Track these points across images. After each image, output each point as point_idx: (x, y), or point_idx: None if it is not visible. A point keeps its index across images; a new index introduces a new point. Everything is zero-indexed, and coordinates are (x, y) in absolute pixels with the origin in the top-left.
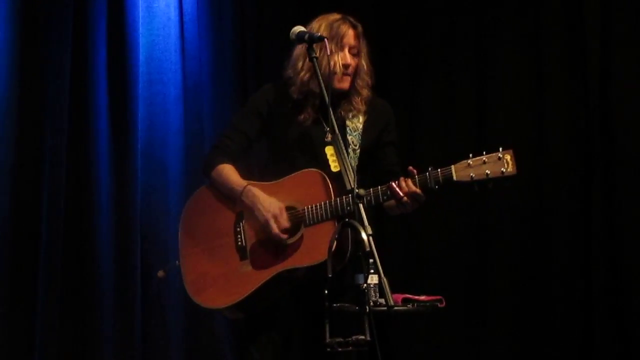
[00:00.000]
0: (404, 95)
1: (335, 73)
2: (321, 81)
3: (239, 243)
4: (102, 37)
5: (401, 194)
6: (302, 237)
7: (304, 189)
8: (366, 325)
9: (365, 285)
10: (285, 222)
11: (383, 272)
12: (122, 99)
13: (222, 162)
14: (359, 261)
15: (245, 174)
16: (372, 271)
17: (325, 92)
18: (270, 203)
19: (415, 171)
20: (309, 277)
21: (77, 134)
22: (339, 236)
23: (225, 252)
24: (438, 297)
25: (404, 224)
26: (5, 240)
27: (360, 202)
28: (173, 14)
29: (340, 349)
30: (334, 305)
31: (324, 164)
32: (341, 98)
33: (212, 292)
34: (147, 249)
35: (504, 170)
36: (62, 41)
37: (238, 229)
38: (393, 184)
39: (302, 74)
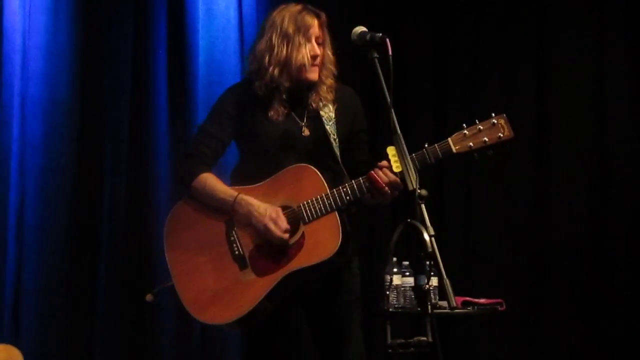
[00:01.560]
0: (463, 94)
1: (304, 65)
2: (383, 81)
3: (236, 252)
4: (162, 39)
5: (383, 183)
6: (303, 235)
7: (294, 185)
8: (428, 327)
9: (427, 286)
10: (284, 224)
11: (445, 273)
12: (182, 101)
13: (202, 171)
14: (421, 262)
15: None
16: (432, 273)
17: (387, 92)
18: (265, 208)
19: (386, 162)
20: (309, 276)
21: (137, 135)
22: (343, 232)
23: (222, 263)
24: (498, 300)
25: (462, 225)
26: (67, 239)
27: (423, 203)
28: (232, 15)
29: (401, 351)
30: (394, 308)
31: (304, 157)
32: (308, 89)
33: (217, 307)
34: None
35: (501, 134)
36: (122, 43)
37: (232, 238)
38: (374, 173)
39: (271, 68)
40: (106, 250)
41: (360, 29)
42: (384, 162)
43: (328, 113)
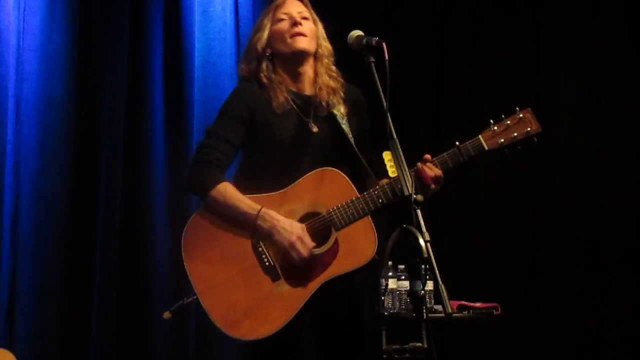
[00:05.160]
0: (460, 98)
1: (284, 32)
2: (379, 86)
3: (267, 263)
4: (158, 41)
5: (430, 178)
6: (336, 241)
7: (320, 190)
8: (423, 333)
9: (423, 292)
10: (310, 243)
11: (440, 279)
12: (178, 103)
13: (220, 180)
14: (417, 267)
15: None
16: (428, 277)
17: (383, 97)
18: (290, 224)
19: (430, 157)
20: (345, 284)
21: (133, 137)
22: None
23: (252, 276)
24: (494, 304)
25: (458, 228)
26: (62, 242)
27: (419, 208)
28: (229, 18)
29: (396, 357)
30: (390, 313)
31: (319, 157)
32: (312, 84)
33: (252, 322)
34: None
35: (529, 129)
36: (118, 45)
37: (260, 249)
38: (423, 168)
39: (261, 54)
40: (102, 254)
41: (356, 32)
42: (428, 156)
43: (340, 110)
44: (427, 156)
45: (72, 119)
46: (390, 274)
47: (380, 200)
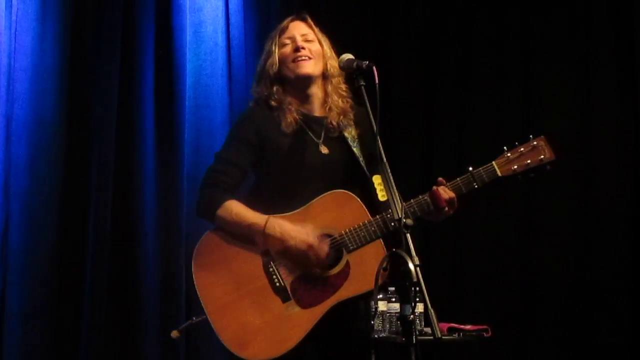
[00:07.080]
0: (450, 125)
1: (286, 57)
2: (369, 109)
3: (277, 284)
4: (149, 62)
5: (444, 201)
6: (347, 264)
7: (333, 212)
8: (413, 357)
9: (412, 316)
10: (325, 247)
11: (430, 303)
12: (169, 123)
13: (225, 199)
14: (406, 291)
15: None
16: (418, 300)
17: (373, 120)
18: (299, 231)
19: (444, 180)
20: (350, 308)
21: (124, 156)
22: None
23: (262, 297)
24: (484, 327)
25: (449, 250)
26: (52, 262)
27: (408, 232)
28: (220, 39)
29: None
30: (380, 335)
31: (329, 180)
32: (322, 105)
33: (260, 343)
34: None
35: (543, 157)
36: (109, 65)
37: (271, 269)
38: (438, 190)
39: (270, 80)
40: (91, 274)
41: (347, 56)
42: (442, 179)
43: (352, 134)
44: (441, 179)
45: (63, 138)
46: (380, 296)
47: (393, 224)
